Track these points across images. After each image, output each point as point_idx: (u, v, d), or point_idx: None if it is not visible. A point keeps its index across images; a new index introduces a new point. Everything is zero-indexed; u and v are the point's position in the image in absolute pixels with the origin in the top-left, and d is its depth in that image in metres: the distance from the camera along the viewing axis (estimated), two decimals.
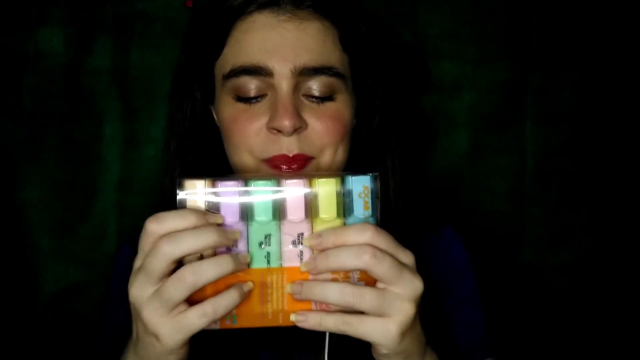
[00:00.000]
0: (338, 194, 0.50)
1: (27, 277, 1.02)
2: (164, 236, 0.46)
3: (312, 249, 0.49)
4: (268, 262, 0.49)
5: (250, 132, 0.61)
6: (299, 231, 0.50)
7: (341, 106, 0.64)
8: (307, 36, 0.61)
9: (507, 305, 1.02)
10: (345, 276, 0.49)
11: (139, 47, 1.03)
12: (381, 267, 0.46)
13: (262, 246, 0.49)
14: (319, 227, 0.50)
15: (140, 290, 0.46)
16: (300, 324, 0.48)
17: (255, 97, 0.61)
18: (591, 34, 1.00)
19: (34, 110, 1.02)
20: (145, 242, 0.48)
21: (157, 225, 0.47)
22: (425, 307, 0.50)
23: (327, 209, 0.50)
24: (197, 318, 0.45)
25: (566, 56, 1.01)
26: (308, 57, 0.60)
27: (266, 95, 0.62)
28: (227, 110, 0.63)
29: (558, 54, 1.01)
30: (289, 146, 0.60)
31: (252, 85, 0.61)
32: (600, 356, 1.01)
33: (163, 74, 1.03)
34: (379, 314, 0.47)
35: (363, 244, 0.47)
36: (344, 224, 0.50)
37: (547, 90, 1.01)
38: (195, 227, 0.46)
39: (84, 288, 1.00)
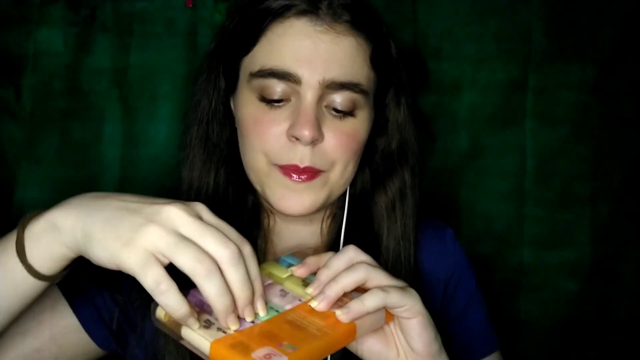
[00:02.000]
0: (281, 264, 0.57)
1: None
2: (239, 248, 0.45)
3: (301, 277, 0.54)
4: (277, 311, 0.50)
5: (269, 137, 0.62)
6: (278, 289, 0.53)
7: (359, 123, 0.64)
8: (340, 51, 0.61)
9: (507, 305, 1.02)
10: (350, 298, 0.52)
11: (139, 47, 1.03)
12: (378, 273, 0.52)
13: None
14: (287, 283, 0.54)
15: (181, 222, 0.45)
16: (346, 316, 0.50)
17: (279, 100, 0.62)
18: (591, 34, 1.00)
19: (34, 110, 1.03)
20: (230, 229, 0.47)
21: (244, 242, 0.47)
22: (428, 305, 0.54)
23: (281, 271, 0.55)
24: (152, 279, 0.43)
25: (566, 56, 1.01)
26: (338, 71, 0.61)
27: (290, 100, 0.62)
28: (249, 109, 0.64)
29: (558, 54, 1.01)
30: (302, 157, 0.61)
31: (278, 88, 0.61)
32: (601, 356, 1.01)
33: (163, 74, 1.03)
34: (403, 295, 0.51)
35: (360, 261, 0.53)
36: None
37: (547, 90, 1.01)
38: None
39: None
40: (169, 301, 0.43)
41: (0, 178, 1.02)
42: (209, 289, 0.43)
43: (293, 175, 0.62)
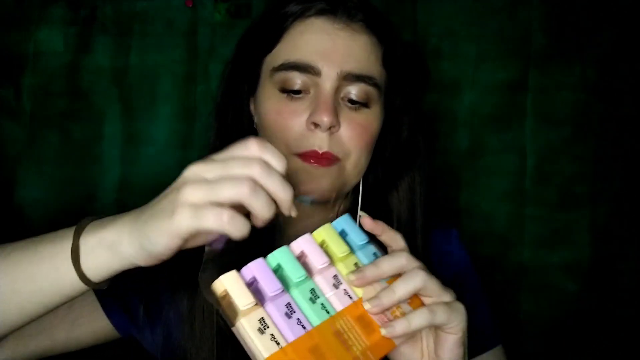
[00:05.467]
0: (339, 233, 0.55)
1: None
2: (261, 159, 0.47)
3: (357, 286, 0.53)
4: (327, 312, 0.51)
5: (291, 126, 0.66)
6: (332, 274, 0.53)
7: (372, 116, 0.69)
8: (356, 46, 0.67)
9: (507, 305, 1.03)
10: (402, 313, 0.53)
11: (139, 47, 1.03)
12: (433, 283, 0.53)
13: (314, 301, 0.51)
14: (340, 265, 0.53)
15: (201, 172, 0.46)
16: (390, 335, 0.51)
17: (299, 92, 0.66)
18: (591, 34, 1.00)
19: (34, 110, 1.03)
20: (240, 149, 0.48)
21: (260, 149, 0.48)
22: None
23: (339, 246, 0.54)
24: (213, 218, 0.44)
25: (566, 56, 1.01)
26: (354, 64, 0.66)
27: (309, 92, 0.66)
28: (271, 102, 0.68)
29: (558, 54, 1.01)
30: (320, 143, 0.65)
31: (299, 80, 0.66)
32: (600, 355, 1.01)
33: (163, 74, 1.03)
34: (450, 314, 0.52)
35: (415, 267, 0.53)
36: (356, 257, 0.55)
37: (547, 90, 1.01)
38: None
39: None
40: (238, 225, 0.44)
41: (0, 178, 1.02)
42: (257, 204, 0.45)
43: (312, 160, 0.65)
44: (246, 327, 0.47)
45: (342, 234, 0.55)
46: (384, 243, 0.57)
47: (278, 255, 0.51)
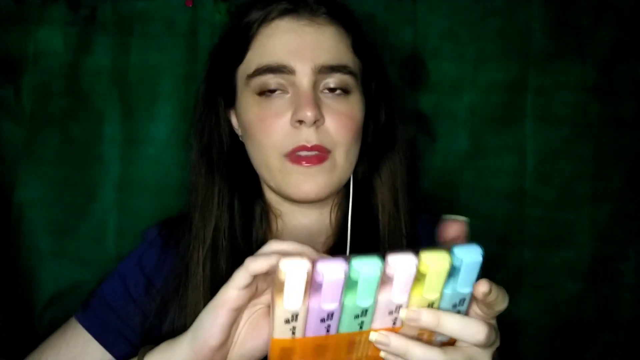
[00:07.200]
0: (447, 272, 0.46)
1: (27, 277, 1.02)
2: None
3: (405, 322, 0.48)
4: (361, 327, 0.48)
5: (275, 128, 0.66)
6: (396, 305, 0.47)
7: (354, 103, 0.69)
8: (325, 39, 0.67)
9: (507, 305, 1.02)
10: (430, 335, 0.49)
11: (139, 47, 1.03)
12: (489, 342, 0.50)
13: (357, 317, 0.47)
14: (414, 300, 0.47)
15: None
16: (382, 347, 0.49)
17: (276, 90, 0.67)
18: (591, 34, 1.00)
19: (34, 110, 1.03)
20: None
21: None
22: None
23: (432, 291, 0.47)
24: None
25: (566, 56, 1.01)
26: (326, 56, 0.66)
27: (287, 92, 0.67)
28: (252, 109, 0.68)
29: (558, 54, 1.01)
30: (307, 137, 0.65)
31: (274, 81, 0.66)
32: (600, 356, 1.01)
33: (163, 74, 1.03)
34: None
35: (482, 323, 0.50)
36: (440, 295, 0.48)
37: (547, 90, 1.01)
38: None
39: (83, 288, 1.00)
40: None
41: (0, 178, 1.02)
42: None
43: (303, 162, 0.66)
44: (277, 313, 0.46)
45: (452, 271, 0.47)
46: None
47: (363, 271, 0.44)
